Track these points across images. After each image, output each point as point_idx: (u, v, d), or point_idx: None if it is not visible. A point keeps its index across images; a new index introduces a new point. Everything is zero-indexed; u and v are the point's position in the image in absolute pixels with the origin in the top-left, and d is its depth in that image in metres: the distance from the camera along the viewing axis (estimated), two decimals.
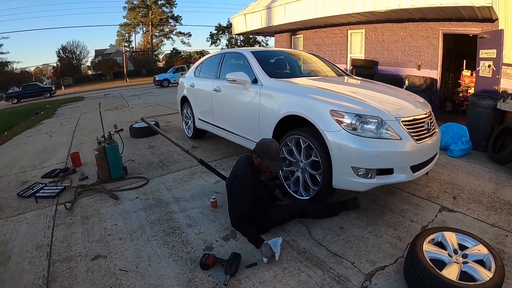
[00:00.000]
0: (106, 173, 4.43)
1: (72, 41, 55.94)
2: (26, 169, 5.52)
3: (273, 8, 9.44)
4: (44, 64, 62.11)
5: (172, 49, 58.86)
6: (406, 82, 7.17)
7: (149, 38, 56.41)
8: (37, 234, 3.27)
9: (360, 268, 2.48)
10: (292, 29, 10.95)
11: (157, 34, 57.61)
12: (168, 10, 55.63)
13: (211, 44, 53.15)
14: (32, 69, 60.75)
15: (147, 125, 6.27)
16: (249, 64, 4.40)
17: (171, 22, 56.56)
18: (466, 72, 7.75)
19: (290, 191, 3.51)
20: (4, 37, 30.29)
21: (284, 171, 3.57)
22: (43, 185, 4.48)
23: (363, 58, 8.60)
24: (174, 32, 57.74)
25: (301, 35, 10.84)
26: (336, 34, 9.42)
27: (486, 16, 5.92)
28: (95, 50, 61.55)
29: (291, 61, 5.10)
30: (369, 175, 2.89)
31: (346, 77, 4.83)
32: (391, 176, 2.94)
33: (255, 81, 4.14)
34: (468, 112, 5.45)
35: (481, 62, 5.77)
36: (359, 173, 2.89)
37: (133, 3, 53.56)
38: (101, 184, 4.31)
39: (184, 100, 6.35)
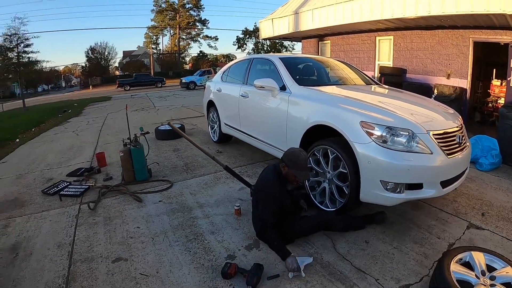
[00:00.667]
0: (130, 174, 4.47)
1: (101, 42, 58.07)
2: (52, 166, 5.63)
3: (301, 13, 9.45)
4: (73, 64, 64.87)
5: (199, 52, 59.52)
6: (435, 91, 7.06)
7: (176, 40, 57.23)
8: (59, 232, 3.33)
9: (384, 285, 2.47)
10: (320, 35, 10.93)
11: (184, 37, 58.44)
12: (195, 14, 56.53)
13: (238, 48, 53.54)
14: (61, 68, 63.02)
15: (172, 128, 6.51)
16: (277, 71, 4.40)
17: (198, 26, 57.37)
18: (496, 82, 7.52)
19: (316, 202, 3.50)
20: (34, 37, 31.13)
21: (311, 181, 3.55)
22: (67, 183, 4.55)
23: (391, 65, 8.50)
24: (201, 36, 58.51)
25: (329, 41, 10.80)
26: (364, 41, 9.36)
27: None
28: (123, 51, 63.28)
29: (319, 68, 5.08)
30: (398, 190, 2.85)
31: (374, 86, 4.80)
32: (421, 191, 2.89)
33: (283, 88, 4.14)
34: (498, 124, 5.33)
35: None
36: (388, 187, 2.85)
37: (161, 6, 54.49)
38: (125, 186, 4.33)
39: (211, 104, 6.41)
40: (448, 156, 2.95)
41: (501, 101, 6.94)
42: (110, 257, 2.86)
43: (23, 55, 21.14)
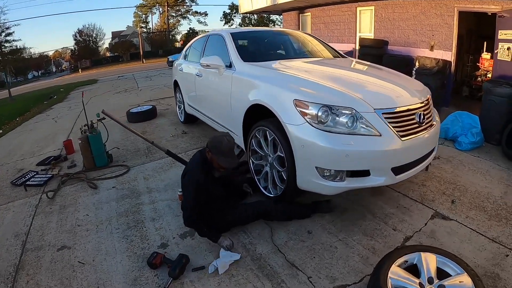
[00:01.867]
0: (90, 161, 4.44)
1: (88, 24, 56.41)
2: (26, 156, 5.53)
3: None
4: (63, 48, 63.51)
5: (189, 29, 58.16)
6: (416, 64, 6.49)
7: (165, 18, 55.89)
8: (18, 223, 3.30)
9: (316, 284, 2.12)
10: (300, 7, 10.27)
11: (173, 14, 57.10)
12: None
13: (225, 23, 51.87)
14: (51, 53, 61.89)
15: (145, 110, 7.19)
16: (226, 47, 4.05)
17: (186, 2, 55.82)
18: (485, 55, 6.97)
19: (260, 187, 3.17)
20: (15, 24, 30.59)
21: (255, 164, 3.24)
22: (35, 173, 4.52)
23: (373, 37, 7.89)
24: (190, 12, 57.03)
25: (309, 14, 10.16)
26: (344, 12, 8.72)
27: None
28: (112, 32, 61.48)
29: (276, 42, 4.70)
30: (338, 177, 2.48)
31: (339, 59, 4.32)
32: (367, 179, 2.50)
33: (230, 65, 3.80)
34: (483, 99, 4.80)
35: (500, 44, 5.06)
36: (325, 175, 2.49)
37: None
38: (85, 173, 4.30)
39: (176, 84, 6.17)
40: (403, 138, 2.52)
41: (490, 75, 6.40)
42: (56, 245, 2.85)
43: (5, 45, 21.13)
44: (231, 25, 51.31)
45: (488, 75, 6.63)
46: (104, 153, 4.52)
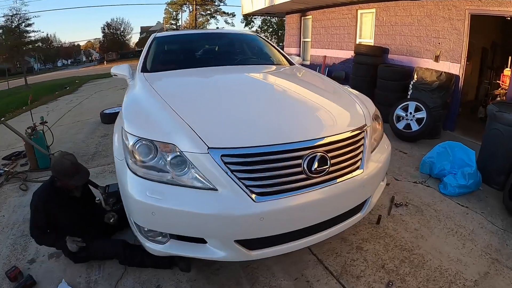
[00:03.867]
0: (34, 163, 4.41)
1: (117, 18, 58.06)
2: (1, 148, 5.49)
3: None
4: (95, 39, 66.56)
5: (216, 28, 58.21)
6: (415, 76, 5.33)
7: (194, 17, 56.35)
8: None
9: None
10: (301, 10, 9.26)
11: (203, 13, 57.44)
12: None
13: (245, 25, 51.34)
14: (83, 43, 64.99)
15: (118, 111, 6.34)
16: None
17: (215, 2, 56.06)
18: (507, 71, 5.75)
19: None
20: (35, 16, 32.41)
21: None
22: None
23: (372, 44, 6.76)
24: (218, 12, 57.25)
25: (310, 16, 9.12)
26: (344, 15, 7.63)
27: None
28: (141, 27, 63.12)
29: (208, 46, 4.10)
30: (160, 238, 1.90)
31: (264, 68, 3.48)
32: (201, 247, 1.83)
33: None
34: (486, 128, 3.63)
35: None
36: (142, 231, 1.92)
37: None
38: (26, 173, 4.28)
39: None
40: (259, 198, 1.69)
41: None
42: None
43: (25, 35, 22.07)
44: (251, 27, 50.80)
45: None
46: (48, 156, 4.44)
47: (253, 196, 1.67)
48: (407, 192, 3.32)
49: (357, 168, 1.98)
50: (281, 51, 3.98)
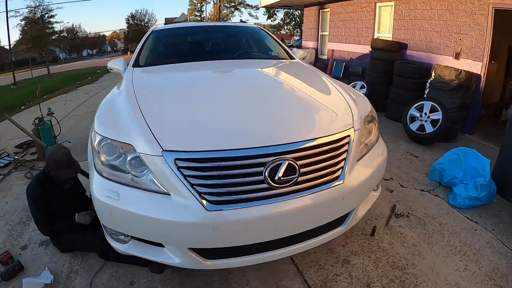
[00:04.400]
0: (41, 152, 4.49)
1: (141, 10, 58.70)
2: (16, 136, 5.50)
3: None
4: (121, 29, 68.43)
5: (240, 21, 57.96)
6: (433, 74, 4.99)
7: (218, 8, 56.21)
8: None
9: None
10: (320, 2, 8.94)
11: (227, 5, 57.21)
12: None
13: (268, 18, 50.49)
14: (108, 33, 66.56)
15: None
16: None
17: None
18: None
19: None
20: (58, 7, 33.69)
21: None
22: (6, 154, 4.65)
23: (391, 39, 6.42)
24: (242, 4, 56.87)
25: (328, 9, 8.81)
26: (363, 8, 7.29)
27: None
28: (165, 18, 63.30)
29: (204, 40, 3.98)
30: (122, 237, 1.87)
31: (260, 63, 3.33)
32: (159, 251, 1.78)
33: None
34: (505, 133, 3.32)
35: None
36: (108, 229, 1.91)
37: None
38: (33, 162, 4.39)
39: None
40: (210, 207, 1.57)
41: None
42: None
43: (48, 26, 23.15)
44: (274, 20, 49.97)
45: None
46: (45, 148, 4.45)
47: (205, 204, 1.55)
48: (412, 201, 3.08)
49: (336, 178, 1.78)
50: (283, 45, 3.78)
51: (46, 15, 23.02)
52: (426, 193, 3.23)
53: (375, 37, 6.96)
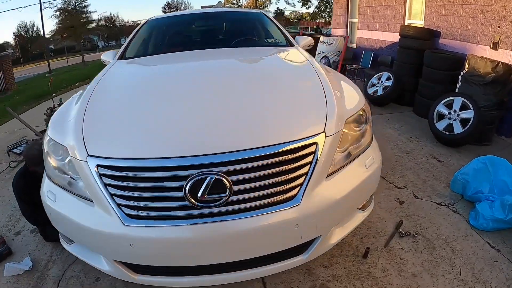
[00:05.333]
0: None
1: None
2: (41, 124, 5.40)
3: None
4: None
5: (276, 9, 56.85)
6: (466, 66, 4.38)
7: None
8: None
9: None
10: None
11: None
12: None
13: (302, 5, 49.15)
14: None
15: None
16: None
17: None
18: None
19: None
20: None
21: None
22: (25, 142, 4.69)
23: (422, 26, 5.78)
24: None
25: None
26: None
27: None
28: (201, 6, 63.78)
29: (199, 28, 3.89)
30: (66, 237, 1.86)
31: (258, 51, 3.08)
32: (95, 256, 1.72)
33: None
34: None
35: None
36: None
37: None
38: None
39: None
40: (126, 220, 1.43)
41: None
42: None
43: (82, 16, 23.46)
44: (309, 7, 48.66)
45: None
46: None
47: (122, 217, 1.42)
48: (424, 216, 2.64)
49: (289, 199, 1.45)
50: (284, 31, 3.46)
51: (79, 6, 24.11)
52: (444, 208, 2.77)
53: (406, 23, 6.32)
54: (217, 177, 1.35)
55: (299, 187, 1.47)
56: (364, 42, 8.03)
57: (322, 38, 9.24)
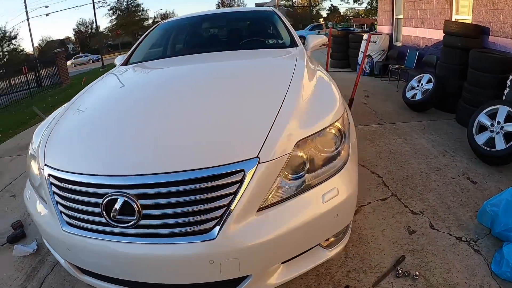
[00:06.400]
0: None
1: None
2: None
3: None
4: None
5: (330, 6, 55.60)
6: None
7: None
8: None
9: None
10: None
11: None
12: None
13: (354, 2, 47.68)
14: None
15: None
16: None
17: None
18: None
19: None
20: None
21: None
22: None
23: (470, 21, 5.10)
24: None
25: None
26: None
27: None
28: (255, 4, 63.83)
29: (208, 31, 3.94)
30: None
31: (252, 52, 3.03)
32: None
33: None
34: None
35: None
36: None
37: None
38: None
39: None
40: (64, 226, 1.54)
41: None
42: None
43: (135, 14, 25.71)
44: (361, 3, 47.25)
45: None
46: None
47: (61, 223, 1.55)
48: (434, 253, 2.21)
49: (202, 232, 1.33)
50: (291, 31, 3.32)
51: (132, 5, 25.98)
52: (463, 245, 2.30)
53: (453, 19, 5.63)
54: (126, 199, 1.34)
55: (216, 220, 1.33)
56: (409, 41, 7.36)
57: (364, 36, 8.69)
